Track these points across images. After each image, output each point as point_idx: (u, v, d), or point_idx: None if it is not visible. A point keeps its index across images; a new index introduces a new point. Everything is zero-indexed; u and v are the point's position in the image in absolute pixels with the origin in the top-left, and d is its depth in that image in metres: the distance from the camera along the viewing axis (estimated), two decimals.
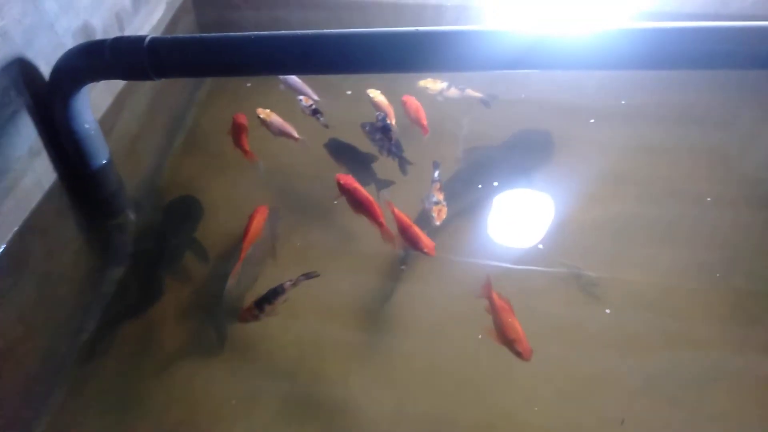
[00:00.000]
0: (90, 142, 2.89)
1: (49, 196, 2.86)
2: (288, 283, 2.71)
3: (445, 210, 2.93)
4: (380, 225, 2.81)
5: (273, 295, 2.69)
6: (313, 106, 3.47)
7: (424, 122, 3.44)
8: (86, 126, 2.82)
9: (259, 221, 2.98)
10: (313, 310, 2.91)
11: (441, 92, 3.65)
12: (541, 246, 3.13)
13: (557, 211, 3.29)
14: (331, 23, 4.24)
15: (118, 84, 3.53)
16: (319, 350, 2.79)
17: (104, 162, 3.02)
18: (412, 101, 3.55)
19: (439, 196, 2.97)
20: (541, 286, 2.97)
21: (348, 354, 2.78)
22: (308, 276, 2.76)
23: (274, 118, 3.38)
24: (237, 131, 3.36)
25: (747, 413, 2.55)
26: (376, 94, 3.54)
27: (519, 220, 3.28)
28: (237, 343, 2.79)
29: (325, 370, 2.72)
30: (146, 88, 3.75)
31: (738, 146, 3.78)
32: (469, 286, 2.82)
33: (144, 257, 3.15)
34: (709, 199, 3.40)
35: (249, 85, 3.89)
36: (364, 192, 2.87)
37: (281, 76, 3.62)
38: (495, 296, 2.55)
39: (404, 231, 2.76)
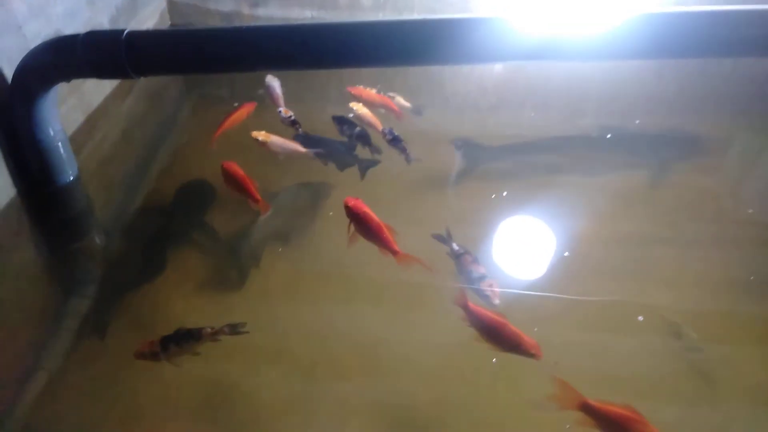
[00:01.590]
0: (56, 154, 2.60)
1: (5, 215, 2.53)
2: (208, 330, 2.24)
3: (496, 283, 2.46)
4: (395, 253, 2.49)
5: (185, 338, 2.22)
6: (292, 117, 3.29)
7: (394, 106, 3.44)
8: (52, 135, 2.53)
9: (240, 171, 2.81)
10: (301, 347, 2.54)
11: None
12: (567, 253, 2.86)
13: (568, 231, 3.05)
14: None
15: (91, 102, 3.28)
16: (307, 399, 2.37)
17: (71, 179, 2.72)
18: (363, 91, 3.49)
19: (480, 269, 2.51)
20: (558, 311, 2.68)
21: (341, 402, 2.37)
22: (234, 330, 2.29)
23: (274, 138, 3.14)
24: (229, 116, 3.26)
25: None
26: (359, 107, 3.38)
27: (530, 240, 3.02)
28: (204, 389, 2.38)
29: (317, 427, 2.29)
30: (122, 108, 3.50)
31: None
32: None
33: (110, 286, 2.78)
34: (751, 210, 3.20)
35: (236, 104, 3.66)
36: (374, 216, 2.56)
37: (266, 82, 3.45)
38: (595, 403, 1.88)
39: (499, 331, 2.18)
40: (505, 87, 4.37)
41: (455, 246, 2.66)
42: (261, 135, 3.14)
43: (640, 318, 2.57)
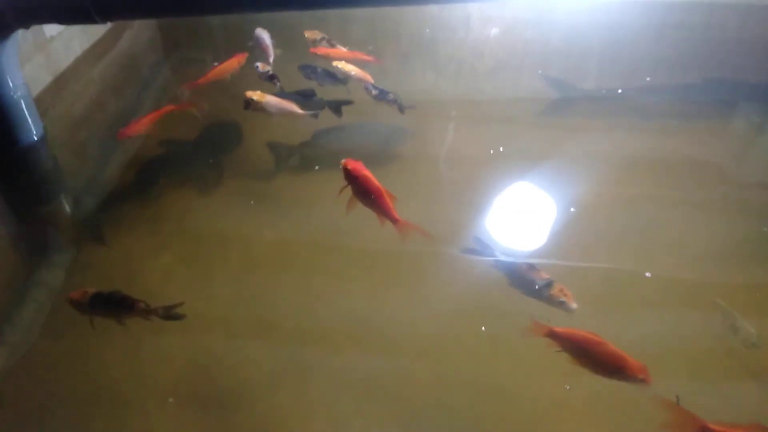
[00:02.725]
0: (17, 110, 2.37)
1: None
2: (141, 305, 2.07)
3: (566, 287, 2.20)
4: (395, 221, 2.28)
5: (116, 303, 2.07)
6: (270, 72, 3.14)
7: (368, 56, 3.41)
8: (12, 89, 2.31)
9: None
10: (288, 319, 2.35)
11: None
12: (573, 209, 2.70)
13: (571, 194, 2.88)
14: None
15: (60, 63, 3.04)
16: (296, 374, 2.18)
17: (35, 138, 2.50)
18: (328, 49, 3.42)
19: (542, 275, 2.22)
20: (563, 277, 2.50)
21: (333, 377, 2.19)
22: (168, 313, 2.09)
23: (270, 98, 2.94)
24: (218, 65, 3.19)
25: None
26: (343, 65, 3.23)
27: (534, 205, 2.85)
28: (183, 365, 2.20)
29: (307, 403, 2.11)
30: (95, 71, 3.27)
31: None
32: (480, 285, 2.36)
33: (81, 252, 2.57)
34: None
35: (216, 64, 3.45)
36: (374, 180, 2.35)
37: (255, 34, 3.29)
38: (717, 427, 1.70)
39: (598, 354, 1.92)
40: (502, 51, 4.19)
41: (499, 255, 2.34)
42: (256, 95, 2.93)
43: (648, 274, 2.41)
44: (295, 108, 2.95)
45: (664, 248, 2.65)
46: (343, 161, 2.30)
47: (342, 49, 3.43)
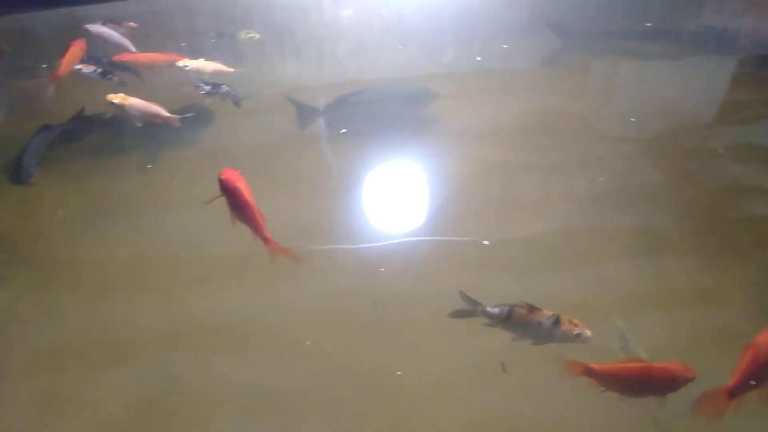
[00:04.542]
0: None
1: None
2: None
3: (572, 317, 1.96)
4: (265, 240, 2.10)
5: None
6: (99, 70, 2.93)
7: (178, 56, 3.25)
8: None
9: None
10: (151, 342, 2.19)
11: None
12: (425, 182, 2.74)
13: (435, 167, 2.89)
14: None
15: None
16: (163, 398, 2.03)
17: None
18: (137, 54, 3.24)
19: (545, 313, 1.93)
20: (432, 253, 2.48)
21: (205, 395, 2.05)
22: None
23: (134, 101, 2.73)
24: (63, 57, 2.95)
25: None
26: (191, 62, 3.09)
27: (399, 185, 2.84)
28: (32, 408, 2.01)
29: (178, 425, 1.97)
30: None
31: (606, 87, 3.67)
32: (356, 277, 2.34)
33: None
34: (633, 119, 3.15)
35: (46, 66, 3.14)
36: (248, 195, 2.17)
37: (89, 28, 3.11)
38: None
39: (646, 378, 1.80)
40: (360, 31, 4.12)
41: (491, 308, 1.99)
42: (117, 98, 2.73)
43: (486, 242, 2.46)
44: (162, 111, 2.77)
45: (526, 210, 2.71)
46: (221, 171, 2.10)
47: (150, 54, 3.24)
